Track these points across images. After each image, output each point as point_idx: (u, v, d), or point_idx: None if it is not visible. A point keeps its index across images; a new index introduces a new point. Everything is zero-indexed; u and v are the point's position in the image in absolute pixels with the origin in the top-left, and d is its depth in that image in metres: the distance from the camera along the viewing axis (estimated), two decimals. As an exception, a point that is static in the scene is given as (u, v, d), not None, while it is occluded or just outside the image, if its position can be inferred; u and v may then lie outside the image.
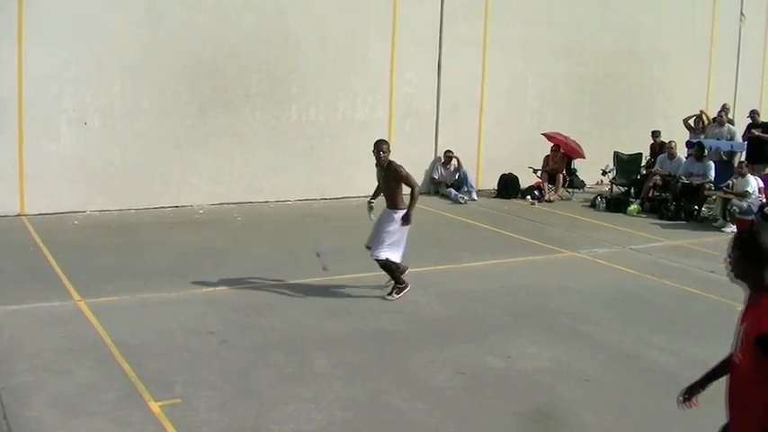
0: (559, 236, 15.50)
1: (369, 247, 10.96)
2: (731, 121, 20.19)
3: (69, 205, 15.84)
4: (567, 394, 7.92)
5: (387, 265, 10.82)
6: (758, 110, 20.46)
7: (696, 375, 8.55)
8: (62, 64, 15.65)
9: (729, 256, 4.80)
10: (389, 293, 10.90)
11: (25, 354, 8.38)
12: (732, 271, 4.83)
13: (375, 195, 11.40)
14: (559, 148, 20.35)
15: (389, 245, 10.73)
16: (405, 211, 10.70)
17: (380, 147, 10.86)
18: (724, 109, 20.85)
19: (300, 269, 12.20)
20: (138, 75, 16.37)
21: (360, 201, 18.38)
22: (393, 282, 10.92)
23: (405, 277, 11.01)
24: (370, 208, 11.34)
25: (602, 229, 16.38)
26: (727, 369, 5.19)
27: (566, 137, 20.48)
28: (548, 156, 20.36)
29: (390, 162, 10.84)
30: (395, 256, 10.79)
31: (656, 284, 12.29)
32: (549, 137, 20.36)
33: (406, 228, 10.78)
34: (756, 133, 19.58)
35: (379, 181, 11.16)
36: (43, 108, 15.58)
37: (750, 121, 20.04)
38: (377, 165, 10.94)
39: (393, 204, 10.88)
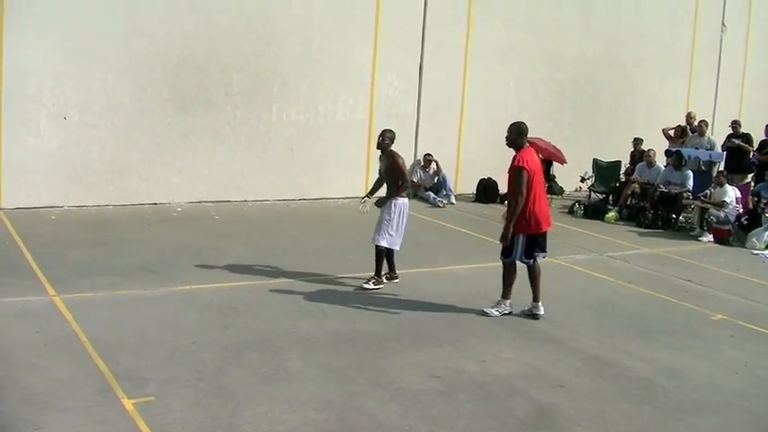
0: (537, 241, 15.51)
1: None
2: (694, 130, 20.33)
3: (47, 200, 15.75)
4: (542, 399, 7.93)
5: (379, 254, 11.37)
6: (739, 120, 20.52)
7: (670, 382, 8.63)
8: (43, 58, 15.56)
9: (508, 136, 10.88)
10: (367, 281, 11.39)
11: (-2, 348, 8.34)
12: (506, 139, 10.99)
13: (372, 192, 12.06)
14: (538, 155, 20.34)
15: (389, 234, 11.31)
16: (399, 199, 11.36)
17: (383, 134, 11.57)
18: (690, 117, 20.98)
19: (277, 269, 12.20)
20: (118, 71, 16.29)
21: (339, 202, 18.46)
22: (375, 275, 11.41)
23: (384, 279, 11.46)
24: (362, 202, 12.04)
25: (579, 236, 16.44)
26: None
27: (546, 142, 20.52)
28: (525, 163, 20.33)
29: (391, 151, 11.44)
30: (393, 244, 11.41)
31: (633, 292, 12.33)
32: (529, 142, 20.34)
33: (404, 217, 11.43)
34: (737, 142, 19.67)
35: (380, 172, 11.89)
36: (23, 102, 15.49)
37: (731, 131, 20.12)
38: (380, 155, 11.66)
39: (390, 194, 11.42)
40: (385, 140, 11.43)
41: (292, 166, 18.43)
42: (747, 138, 19.86)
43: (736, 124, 20.20)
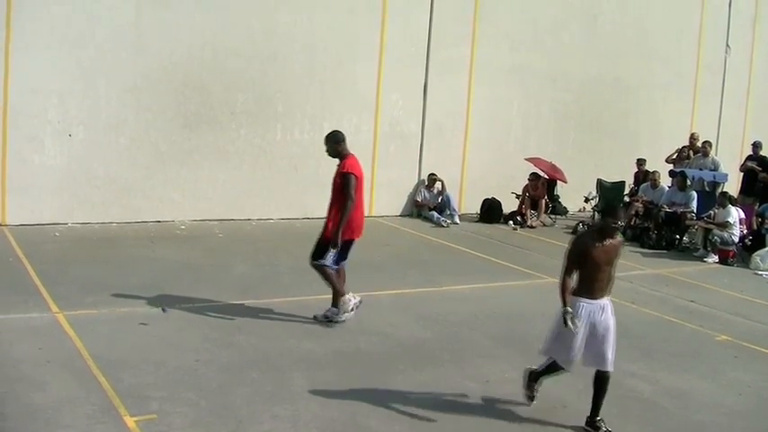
0: (540, 262, 15.50)
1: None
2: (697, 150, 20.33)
3: (51, 217, 15.76)
4: (545, 420, 7.91)
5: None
6: (760, 142, 20.30)
7: (673, 403, 8.61)
8: (48, 76, 15.59)
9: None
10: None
11: (1, 365, 8.32)
12: (327, 152, 10.75)
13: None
14: (538, 177, 20.33)
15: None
16: None
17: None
18: (693, 138, 20.97)
19: (281, 288, 12.20)
20: (123, 88, 16.32)
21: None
22: None
23: None
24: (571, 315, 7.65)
25: (583, 256, 16.36)
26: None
27: (546, 161, 20.53)
28: (527, 185, 20.32)
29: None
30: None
31: (636, 312, 12.30)
32: (533, 162, 20.38)
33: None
34: (750, 165, 19.61)
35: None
36: (27, 119, 15.52)
37: (750, 152, 20.09)
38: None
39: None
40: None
41: (296, 186, 18.42)
42: (764, 160, 19.73)
43: (756, 146, 20.09)
